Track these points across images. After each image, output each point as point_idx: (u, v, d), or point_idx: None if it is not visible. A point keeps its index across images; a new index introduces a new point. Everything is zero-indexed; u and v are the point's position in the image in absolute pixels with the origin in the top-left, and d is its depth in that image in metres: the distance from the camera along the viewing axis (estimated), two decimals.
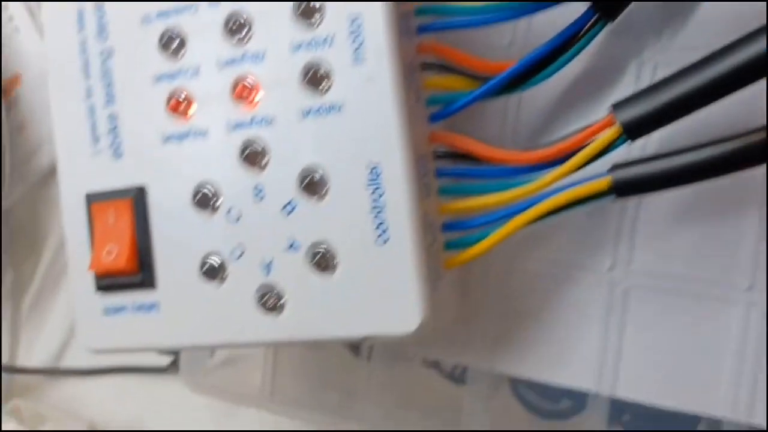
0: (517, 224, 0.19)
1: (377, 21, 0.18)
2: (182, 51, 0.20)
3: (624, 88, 0.21)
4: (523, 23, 0.22)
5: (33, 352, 0.34)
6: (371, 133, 0.18)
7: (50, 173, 0.34)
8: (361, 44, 0.18)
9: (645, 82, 0.21)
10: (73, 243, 0.22)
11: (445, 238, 0.20)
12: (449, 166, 0.20)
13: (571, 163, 0.19)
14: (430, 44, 0.20)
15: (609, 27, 0.19)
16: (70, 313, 0.33)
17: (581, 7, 0.19)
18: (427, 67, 0.20)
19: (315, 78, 0.19)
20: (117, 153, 0.21)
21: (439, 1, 0.20)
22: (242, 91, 0.20)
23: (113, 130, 0.21)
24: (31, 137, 0.34)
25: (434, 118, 0.20)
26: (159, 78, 0.21)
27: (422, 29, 0.20)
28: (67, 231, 0.22)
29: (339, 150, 0.19)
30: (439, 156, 0.20)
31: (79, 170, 0.22)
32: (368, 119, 0.18)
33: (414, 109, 0.19)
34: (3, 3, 0.34)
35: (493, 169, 0.20)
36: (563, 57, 0.19)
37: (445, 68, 0.20)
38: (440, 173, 0.20)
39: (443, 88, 0.20)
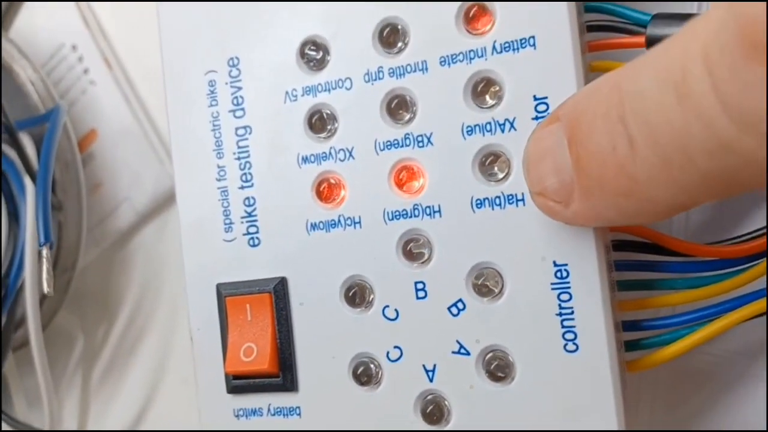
0: (717, 329, 0.17)
1: None
2: (333, 131, 0.18)
3: None
4: None
5: (104, 425, 0.32)
6: (558, 230, 0.17)
7: (126, 234, 0.32)
8: None
9: None
10: (201, 338, 0.20)
11: (625, 337, 0.18)
12: (630, 259, 0.18)
13: None
14: None
15: None
16: (146, 384, 0.31)
17: None
18: None
19: (491, 166, 0.17)
20: (253, 240, 0.19)
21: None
22: (404, 177, 0.18)
23: (249, 215, 0.19)
24: (106, 197, 0.32)
25: None
26: (305, 159, 0.19)
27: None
28: (193, 324, 0.20)
29: (518, 247, 0.17)
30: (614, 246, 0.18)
31: (209, 259, 0.20)
32: None
33: None
34: (80, 56, 0.32)
35: (681, 264, 0.18)
36: None
37: None
38: (620, 266, 0.18)
39: None
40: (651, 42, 0.17)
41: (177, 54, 0.20)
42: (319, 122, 0.19)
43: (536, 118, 0.17)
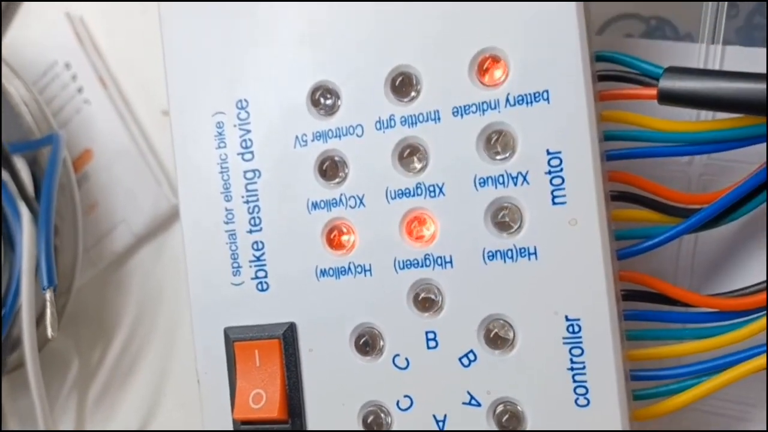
0: (723, 381, 0.17)
1: (582, 159, 0.16)
2: (344, 177, 0.18)
3: None
4: None
5: None
6: (571, 285, 0.17)
7: (123, 256, 0.31)
8: (561, 183, 0.17)
9: None
10: (208, 382, 0.20)
11: (633, 386, 0.18)
12: (640, 310, 0.18)
13: None
14: (621, 174, 0.18)
15: None
16: (143, 407, 0.31)
17: None
18: (614, 197, 0.18)
19: (503, 218, 0.17)
20: (262, 285, 0.19)
21: (629, 125, 0.18)
22: (415, 227, 0.18)
23: (258, 259, 0.19)
24: (101, 218, 0.31)
25: (625, 254, 0.18)
26: (315, 205, 0.19)
27: (611, 156, 0.18)
28: (200, 367, 0.20)
29: (529, 300, 0.17)
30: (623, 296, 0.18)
31: (217, 302, 0.20)
32: (568, 268, 0.17)
33: (611, 249, 0.17)
34: (73, 74, 0.31)
35: (688, 314, 0.18)
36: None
37: (634, 199, 0.18)
38: (628, 316, 0.18)
39: (633, 221, 0.18)
40: (663, 95, 0.17)
41: (184, 93, 0.20)
42: (330, 168, 0.19)
43: (549, 172, 0.17)
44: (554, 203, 0.17)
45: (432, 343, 0.18)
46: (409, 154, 0.18)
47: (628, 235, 0.18)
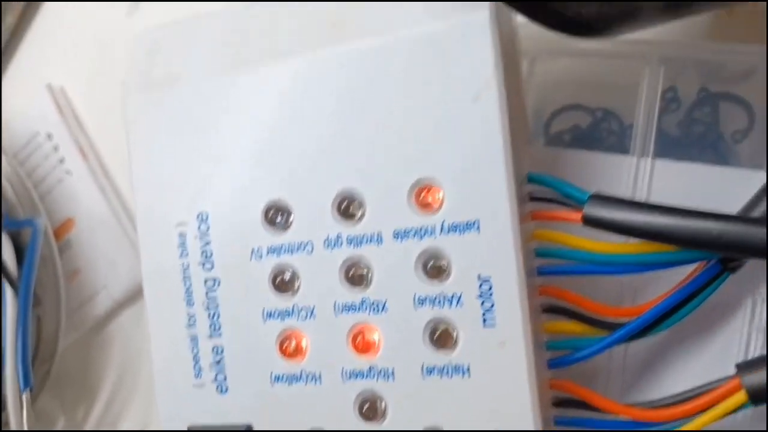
0: None
1: (509, 287, 0.18)
2: (296, 290, 0.20)
3: (737, 325, 0.21)
4: None
5: None
6: (502, 401, 0.18)
7: (104, 320, 0.33)
8: (491, 307, 0.18)
9: (758, 320, 0.20)
10: None
11: None
12: (570, 417, 0.20)
13: (696, 425, 0.18)
14: (552, 288, 0.19)
15: None
16: None
17: None
18: (545, 309, 0.20)
19: (439, 336, 0.18)
20: (221, 387, 0.21)
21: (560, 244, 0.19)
22: (360, 340, 0.19)
23: (218, 363, 0.21)
24: (84, 284, 0.33)
25: (555, 364, 0.19)
26: (270, 315, 0.20)
27: (542, 272, 0.19)
28: None
29: (463, 416, 0.18)
30: (554, 402, 0.20)
31: (180, 401, 0.21)
32: (499, 386, 0.18)
33: (539, 361, 0.19)
34: (55, 145, 0.33)
35: (616, 423, 0.19)
36: (689, 305, 0.19)
37: (564, 311, 0.20)
38: (560, 422, 0.20)
39: (563, 334, 0.20)
40: (586, 220, 0.18)
41: (149, 204, 0.21)
42: (283, 281, 0.20)
43: (480, 296, 0.18)
44: (485, 325, 0.18)
45: None
46: (354, 271, 0.19)
47: (560, 346, 0.19)
